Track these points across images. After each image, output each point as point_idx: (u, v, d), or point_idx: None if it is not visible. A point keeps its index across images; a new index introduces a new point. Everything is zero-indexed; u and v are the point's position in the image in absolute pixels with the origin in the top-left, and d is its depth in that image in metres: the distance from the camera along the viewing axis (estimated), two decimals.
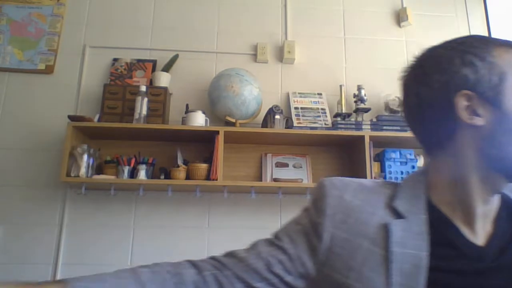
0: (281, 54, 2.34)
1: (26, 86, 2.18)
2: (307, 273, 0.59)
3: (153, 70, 2.23)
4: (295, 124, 2.10)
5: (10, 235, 1.96)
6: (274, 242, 0.61)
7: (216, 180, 1.87)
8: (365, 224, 0.57)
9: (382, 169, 2.02)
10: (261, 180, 2.09)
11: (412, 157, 2.04)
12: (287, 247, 0.60)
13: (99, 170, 1.97)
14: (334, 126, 2.07)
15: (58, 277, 1.91)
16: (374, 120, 2.16)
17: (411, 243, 0.55)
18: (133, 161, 1.95)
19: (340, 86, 2.19)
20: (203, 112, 2.05)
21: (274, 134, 2.00)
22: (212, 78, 2.14)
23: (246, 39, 2.36)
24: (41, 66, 2.20)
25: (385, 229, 0.56)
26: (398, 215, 0.58)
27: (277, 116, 2.03)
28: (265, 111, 2.08)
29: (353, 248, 0.56)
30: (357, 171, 2.03)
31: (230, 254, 0.61)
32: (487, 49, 0.57)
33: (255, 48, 2.34)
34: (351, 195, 0.60)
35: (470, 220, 0.59)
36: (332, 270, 0.57)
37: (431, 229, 0.57)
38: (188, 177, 1.93)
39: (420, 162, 2.13)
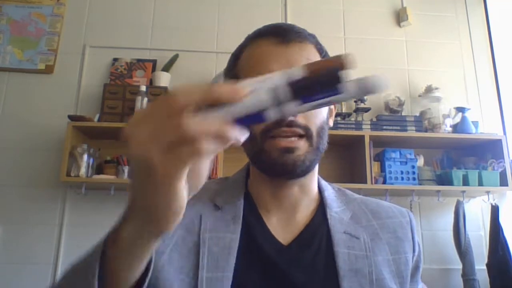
0: None
1: (26, 86, 2.17)
2: None
3: (153, 70, 2.23)
4: None
5: (10, 235, 1.96)
6: None
7: None
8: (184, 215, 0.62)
9: (382, 169, 2.02)
10: None
11: (412, 156, 2.04)
12: None
13: (99, 170, 1.97)
14: (334, 125, 2.07)
15: (58, 277, 1.91)
16: (374, 119, 2.15)
17: (223, 229, 0.59)
18: None
19: None
20: None
21: None
22: (212, 78, 2.14)
23: None
24: (41, 66, 2.20)
25: (199, 219, 0.60)
26: (217, 207, 0.62)
27: None
28: None
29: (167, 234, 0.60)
30: (357, 171, 2.03)
31: None
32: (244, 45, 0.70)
33: None
34: None
35: (279, 213, 0.63)
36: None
37: (246, 214, 0.61)
38: None
39: (420, 161, 2.13)
